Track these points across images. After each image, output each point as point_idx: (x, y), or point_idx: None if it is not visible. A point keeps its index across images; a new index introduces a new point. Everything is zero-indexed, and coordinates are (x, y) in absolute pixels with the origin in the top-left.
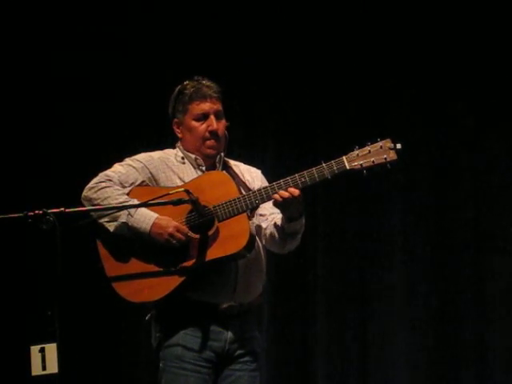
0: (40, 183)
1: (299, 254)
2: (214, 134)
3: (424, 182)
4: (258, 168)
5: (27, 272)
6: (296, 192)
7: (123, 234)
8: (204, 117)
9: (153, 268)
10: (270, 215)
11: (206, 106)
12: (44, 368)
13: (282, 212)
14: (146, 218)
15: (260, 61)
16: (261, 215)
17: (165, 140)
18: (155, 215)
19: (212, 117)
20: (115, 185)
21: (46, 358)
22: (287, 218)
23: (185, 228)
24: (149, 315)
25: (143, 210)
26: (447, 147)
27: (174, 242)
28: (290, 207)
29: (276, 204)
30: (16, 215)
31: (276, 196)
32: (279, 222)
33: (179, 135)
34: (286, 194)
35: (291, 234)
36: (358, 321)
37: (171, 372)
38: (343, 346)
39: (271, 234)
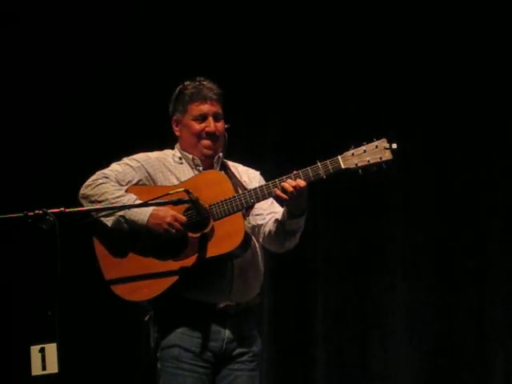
0: (40, 183)
1: (299, 253)
2: (210, 135)
3: (424, 180)
4: (257, 169)
5: (27, 272)
6: (302, 183)
7: (121, 229)
8: (202, 118)
9: (148, 266)
10: (267, 214)
11: (204, 108)
12: (44, 368)
13: (287, 206)
14: (143, 210)
15: (260, 62)
16: (257, 215)
17: (164, 141)
18: (152, 207)
19: (210, 118)
20: (112, 182)
21: (46, 357)
22: (290, 214)
23: (183, 217)
24: (148, 316)
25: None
26: (448, 148)
27: (173, 231)
28: (296, 201)
29: (283, 194)
30: (16, 215)
31: (285, 185)
32: (280, 219)
33: (177, 133)
34: (293, 183)
35: (291, 231)
36: (359, 320)
37: (169, 372)
38: (343, 347)
39: (270, 232)
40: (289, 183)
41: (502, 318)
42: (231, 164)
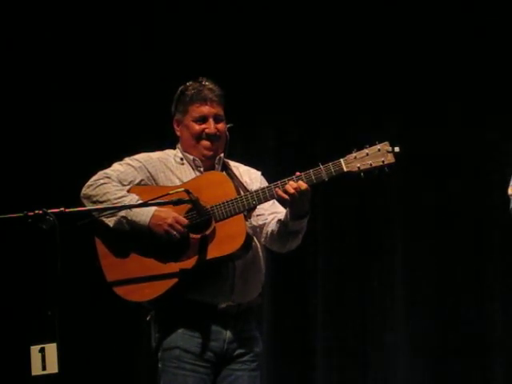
0: (40, 183)
1: (300, 253)
2: (210, 136)
3: (423, 181)
4: (258, 170)
5: (27, 272)
6: (303, 185)
7: (123, 229)
8: (202, 119)
9: (150, 267)
10: (269, 214)
11: (205, 110)
12: (44, 368)
13: (290, 207)
14: (145, 210)
15: (260, 62)
16: (258, 215)
17: (165, 141)
18: (154, 207)
19: (210, 120)
20: (114, 182)
21: (46, 357)
22: (293, 216)
23: (184, 219)
24: (149, 315)
25: None
26: (448, 150)
27: (174, 233)
28: (298, 203)
29: (286, 196)
30: (16, 215)
31: (287, 186)
32: (282, 219)
33: (178, 133)
34: (294, 185)
35: (294, 232)
36: (358, 321)
37: (170, 372)
38: (343, 346)
39: (272, 232)
40: (290, 185)
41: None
42: (232, 164)
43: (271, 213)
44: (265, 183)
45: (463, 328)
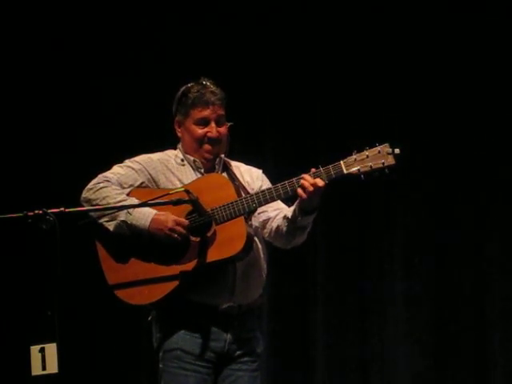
0: (40, 183)
1: (300, 253)
2: (212, 140)
3: (425, 183)
4: (259, 168)
5: (27, 272)
6: (321, 182)
7: (123, 234)
8: (204, 122)
9: (150, 270)
10: (272, 211)
11: (207, 113)
12: (44, 368)
13: (301, 203)
14: (144, 214)
15: (260, 62)
16: (261, 212)
17: (165, 141)
18: (154, 211)
19: (213, 124)
20: (114, 185)
21: (46, 357)
22: (303, 211)
23: (184, 221)
24: (150, 316)
25: (142, 207)
26: (449, 151)
27: (175, 235)
28: (311, 199)
29: (301, 193)
30: (16, 215)
31: (304, 182)
32: (289, 215)
33: (179, 134)
34: (311, 181)
35: (301, 227)
36: (359, 321)
37: (171, 372)
38: (343, 347)
39: (278, 228)
40: (308, 180)
41: None
42: (233, 164)
43: (275, 209)
44: (266, 181)
45: (463, 326)
